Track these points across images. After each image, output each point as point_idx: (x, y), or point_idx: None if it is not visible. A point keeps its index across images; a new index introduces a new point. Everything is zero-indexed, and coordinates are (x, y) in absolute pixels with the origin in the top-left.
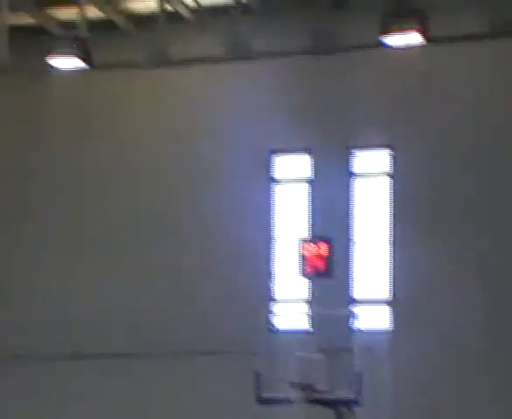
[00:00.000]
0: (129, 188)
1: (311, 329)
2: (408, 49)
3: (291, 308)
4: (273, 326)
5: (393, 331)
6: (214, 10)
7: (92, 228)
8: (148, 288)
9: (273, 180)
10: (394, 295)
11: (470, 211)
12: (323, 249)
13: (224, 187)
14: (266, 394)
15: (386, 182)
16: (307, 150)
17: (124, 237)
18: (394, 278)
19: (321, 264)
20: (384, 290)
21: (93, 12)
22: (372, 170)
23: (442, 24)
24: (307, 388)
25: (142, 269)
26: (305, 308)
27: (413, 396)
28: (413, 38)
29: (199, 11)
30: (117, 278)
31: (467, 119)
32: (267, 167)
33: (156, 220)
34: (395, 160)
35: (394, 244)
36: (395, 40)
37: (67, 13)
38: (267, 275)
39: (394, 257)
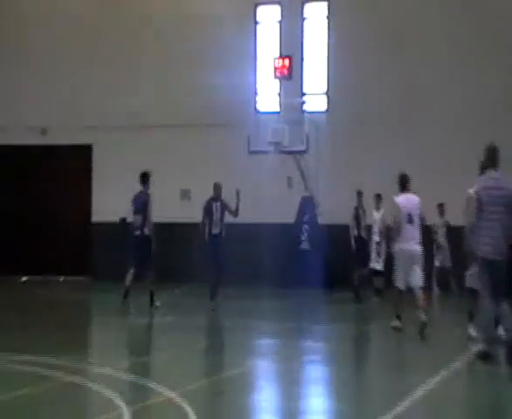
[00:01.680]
0: None
1: (280, 110)
2: None
3: (269, 98)
4: (257, 109)
5: (328, 111)
6: None
7: None
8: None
9: (256, 22)
10: (328, 88)
11: None
12: (287, 62)
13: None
14: (253, 149)
15: (325, 22)
16: (278, 3)
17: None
18: (329, 77)
19: (286, 71)
20: (323, 86)
21: None
22: (317, 15)
23: None
24: (277, 144)
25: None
26: (276, 98)
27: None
28: None
29: None
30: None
31: None
32: (253, 14)
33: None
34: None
35: (329, 58)
36: None
37: None
38: (254, 79)
39: (329, 65)
